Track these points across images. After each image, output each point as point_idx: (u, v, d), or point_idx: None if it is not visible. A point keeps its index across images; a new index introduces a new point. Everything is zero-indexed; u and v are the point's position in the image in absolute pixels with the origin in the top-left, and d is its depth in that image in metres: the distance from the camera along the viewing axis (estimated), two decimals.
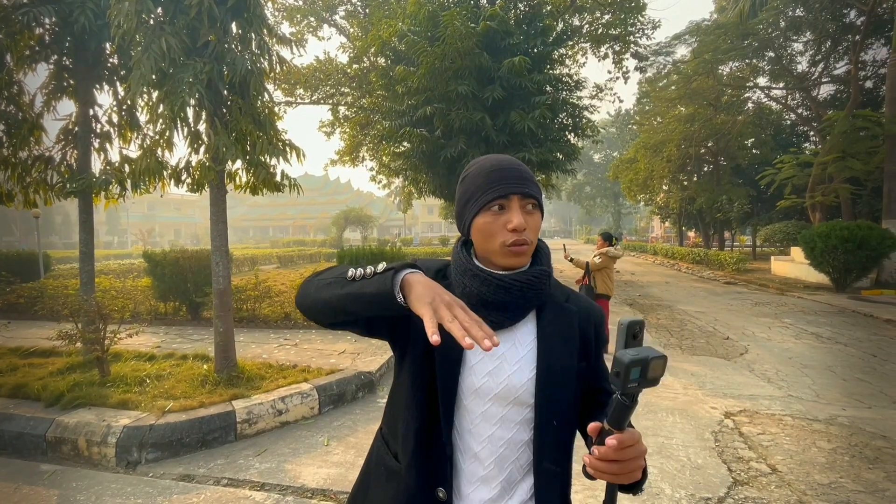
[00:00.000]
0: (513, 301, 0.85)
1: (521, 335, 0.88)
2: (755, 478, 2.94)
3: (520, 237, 0.83)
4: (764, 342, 6.48)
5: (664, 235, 42.93)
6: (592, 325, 0.93)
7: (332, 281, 0.81)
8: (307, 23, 16.63)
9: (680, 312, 8.91)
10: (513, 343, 0.87)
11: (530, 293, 0.86)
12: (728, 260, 16.54)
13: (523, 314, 0.87)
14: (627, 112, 38.36)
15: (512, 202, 0.84)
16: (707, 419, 3.86)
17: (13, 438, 3.47)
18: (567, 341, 0.88)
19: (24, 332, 6.78)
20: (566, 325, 0.89)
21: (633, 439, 0.66)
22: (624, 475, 0.68)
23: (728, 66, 19.34)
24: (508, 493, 0.86)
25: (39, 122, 5.03)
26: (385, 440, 0.96)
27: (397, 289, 0.70)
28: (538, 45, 10.14)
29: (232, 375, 4.26)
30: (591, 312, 0.95)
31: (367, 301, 0.74)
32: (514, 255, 0.84)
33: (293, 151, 4.66)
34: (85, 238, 5.00)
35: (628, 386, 0.60)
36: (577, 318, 0.91)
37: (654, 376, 0.61)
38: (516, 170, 0.87)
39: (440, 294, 0.67)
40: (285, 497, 2.82)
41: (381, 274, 0.73)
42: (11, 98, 5.03)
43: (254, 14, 4.20)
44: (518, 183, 0.85)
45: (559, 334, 0.88)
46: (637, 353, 0.60)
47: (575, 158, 11.50)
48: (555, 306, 0.91)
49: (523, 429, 0.85)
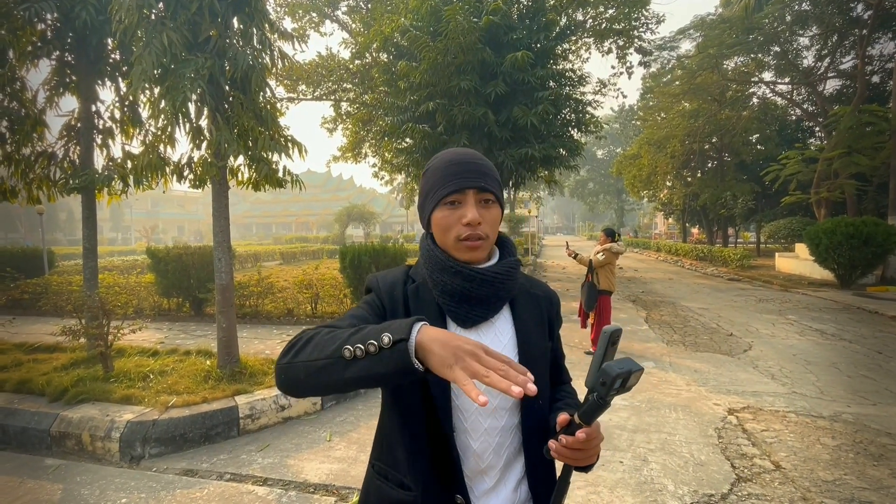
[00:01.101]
0: (494, 294, 0.87)
1: (501, 325, 0.90)
2: (759, 474, 2.93)
3: (474, 231, 0.84)
4: (768, 339, 6.45)
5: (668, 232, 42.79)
6: (554, 309, 1.01)
7: (325, 364, 0.69)
8: (309, 18, 16.59)
9: (683, 309, 8.87)
10: (494, 334, 0.89)
11: (508, 283, 0.89)
12: (732, 256, 16.46)
13: (502, 305, 0.90)
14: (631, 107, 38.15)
15: (467, 196, 0.85)
16: (710, 416, 3.85)
17: (18, 433, 3.50)
18: (539, 325, 0.95)
19: (28, 328, 6.82)
20: (536, 309, 0.96)
21: (596, 432, 0.74)
22: (584, 459, 0.76)
23: (733, 61, 19.15)
24: (505, 477, 0.88)
25: (42, 118, 5.02)
26: (383, 475, 0.91)
27: (414, 359, 0.64)
28: (541, 39, 10.07)
29: (235, 371, 4.27)
30: (551, 297, 1.02)
31: (381, 380, 0.68)
32: (468, 250, 0.86)
33: (295, 147, 4.65)
34: (88, 234, 5.01)
35: (610, 394, 0.67)
36: (543, 302, 0.98)
37: (631, 385, 0.67)
38: (474, 164, 0.87)
39: (460, 348, 0.62)
40: (288, 492, 2.82)
41: (391, 349, 0.65)
42: (14, 94, 5.03)
43: (255, 9, 4.18)
44: (474, 177, 0.86)
45: (532, 319, 0.94)
46: (622, 366, 0.65)
47: (578, 154, 11.44)
48: (524, 294, 0.96)
49: (513, 414, 0.88)
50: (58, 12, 4.34)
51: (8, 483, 2.98)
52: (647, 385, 4.59)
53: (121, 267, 13.78)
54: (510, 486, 0.88)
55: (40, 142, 5.12)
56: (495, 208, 0.89)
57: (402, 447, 0.88)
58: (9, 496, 2.82)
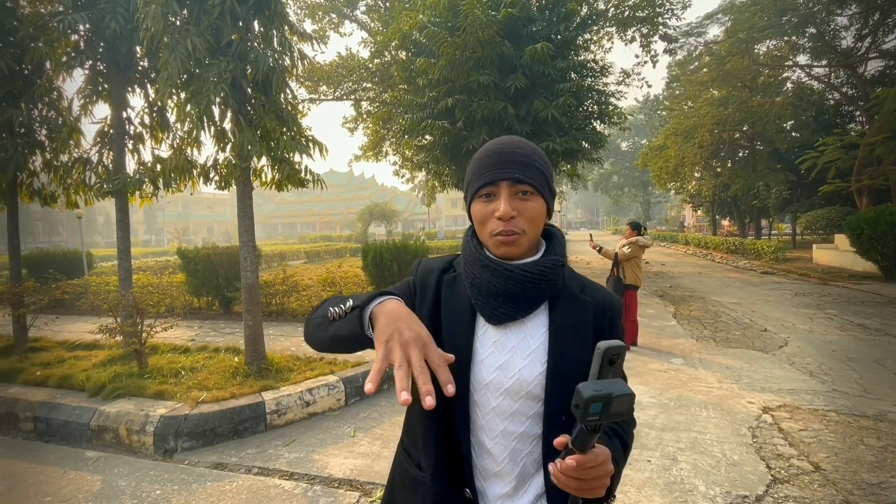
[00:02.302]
0: (523, 292, 0.82)
1: (533, 327, 0.84)
2: (796, 476, 2.80)
3: (506, 226, 0.80)
4: (805, 334, 6.17)
5: (696, 224, 41.50)
6: (607, 318, 0.87)
7: (319, 321, 0.84)
8: (329, 19, 16.78)
9: (714, 303, 8.59)
10: (524, 336, 0.83)
11: (542, 283, 0.82)
12: (765, 249, 15.83)
13: (535, 305, 0.84)
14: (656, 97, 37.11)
15: (500, 189, 0.81)
16: (744, 414, 3.70)
17: (61, 426, 3.67)
18: (579, 334, 0.83)
19: (69, 327, 7.17)
20: (580, 317, 0.85)
21: (594, 461, 0.65)
22: (585, 491, 0.67)
23: (765, 45, 18.35)
24: (523, 487, 0.84)
25: (77, 125, 5.25)
26: (407, 451, 0.95)
27: (367, 325, 0.71)
28: (561, 30, 9.87)
29: (261, 367, 4.37)
30: (607, 304, 0.88)
31: (347, 342, 0.78)
32: (501, 245, 0.82)
33: (316, 147, 4.70)
34: (122, 236, 5.21)
35: (588, 420, 0.58)
36: (592, 310, 0.86)
37: (619, 411, 0.58)
38: (511, 153, 0.82)
39: (400, 330, 0.65)
40: (313, 486, 2.87)
41: (350, 313, 0.75)
42: (52, 103, 5.27)
43: (275, 11, 4.24)
44: (509, 168, 0.80)
45: (572, 327, 0.84)
46: (602, 387, 0.57)
47: (601, 147, 11.19)
48: (568, 297, 0.86)
49: (535, 423, 0.82)
50: (89, 23, 4.51)
51: (52, 474, 3.13)
52: (676, 382, 4.46)
53: (154, 267, 14.32)
54: (528, 499, 0.84)
55: (76, 148, 5.35)
56: (534, 200, 0.82)
57: (420, 428, 0.89)
58: (53, 486, 2.97)
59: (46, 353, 5.08)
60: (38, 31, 4.49)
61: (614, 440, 0.80)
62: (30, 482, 3.04)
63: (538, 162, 0.83)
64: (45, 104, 5.24)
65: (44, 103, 5.22)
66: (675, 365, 5.01)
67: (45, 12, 4.58)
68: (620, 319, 0.91)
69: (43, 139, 5.30)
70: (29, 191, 5.48)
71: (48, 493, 2.88)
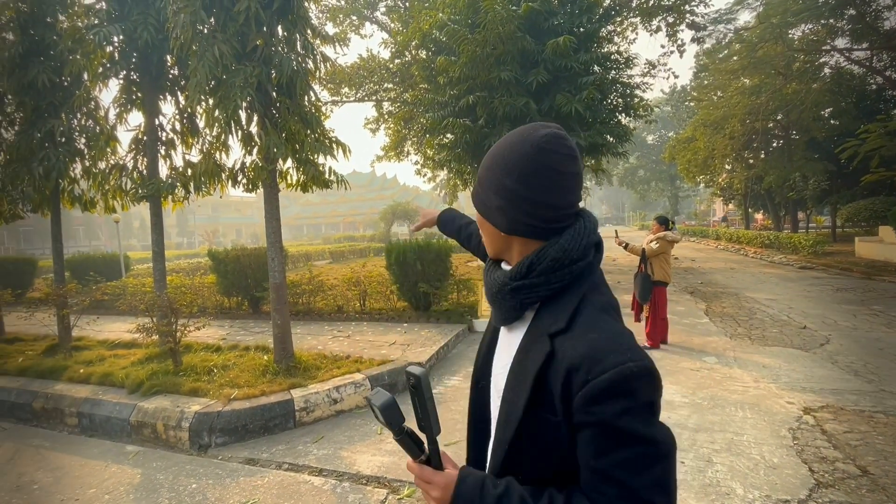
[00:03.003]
0: (493, 300, 0.81)
1: (515, 340, 0.77)
2: (842, 480, 2.66)
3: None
4: (848, 331, 5.86)
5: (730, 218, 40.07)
6: (561, 381, 0.64)
7: None
8: (350, 22, 16.96)
9: (748, 300, 8.27)
10: (507, 344, 0.81)
11: (497, 297, 0.79)
12: (803, 243, 15.13)
13: (509, 317, 0.78)
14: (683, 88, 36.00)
15: None
16: (783, 415, 3.55)
17: (103, 422, 3.84)
18: (522, 377, 0.70)
19: (109, 326, 7.50)
20: (529, 359, 0.70)
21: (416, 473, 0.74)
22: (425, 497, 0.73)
23: (799, 30, 17.50)
24: None
25: (114, 133, 5.47)
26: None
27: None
28: (583, 23, 9.68)
29: (290, 366, 4.46)
30: (568, 365, 0.64)
31: None
32: None
33: (339, 148, 4.76)
34: (156, 239, 5.41)
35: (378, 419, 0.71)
36: (543, 360, 0.67)
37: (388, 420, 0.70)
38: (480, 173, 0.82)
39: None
40: (342, 483, 2.91)
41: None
42: (90, 113, 5.52)
43: (297, 16, 4.31)
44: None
45: (521, 365, 0.72)
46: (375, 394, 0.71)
47: (626, 140, 10.93)
48: (533, 331, 0.73)
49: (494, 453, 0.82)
50: (123, 34, 4.69)
51: (96, 467, 3.28)
52: (710, 381, 4.31)
53: (186, 269, 14.82)
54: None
55: (113, 155, 5.59)
56: (486, 226, 0.81)
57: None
58: (97, 478, 3.11)
59: (89, 352, 5.32)
60: (76, 44, 4.70)
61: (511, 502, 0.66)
62: (75, 474, 3.19)
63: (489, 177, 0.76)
64: (83, 114, 5.49)
65: (82, 113, 5.47)
66: (709, 363, 4.84)
67: (83, 26, 4.79)
68: (600, 398, 0.61)
69: (82, 147, 5.56)
70: (70, 197, 5.76)
71: (92, 486, 3.02)
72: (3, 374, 4.84)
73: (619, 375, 0.60)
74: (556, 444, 0.67)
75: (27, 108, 5.17)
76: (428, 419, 0.69)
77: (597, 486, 0.63)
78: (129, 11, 4.75)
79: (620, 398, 0.61)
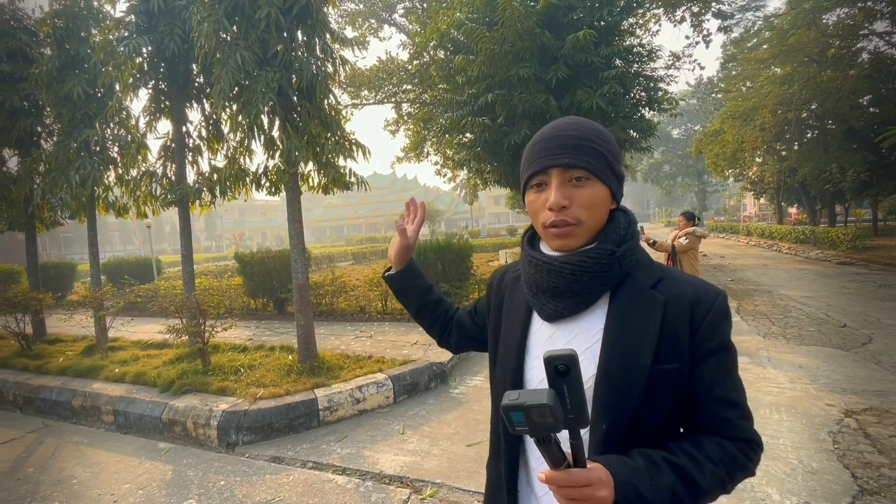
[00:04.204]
0: (567, 287, 0.76)
1: (588, 325, 0.77)
2: (889, 487, 2.51)
3: (558, 217, 0.75)
4: (893, 330, 5.55)
5: (759, 213, 38.66)
6: (689, 318, 0.73)
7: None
8: (368, 25, 17.13)
9: (782, 298, 7.94)
10: (577, 334, 0.77)
11: (585, 277, 0.75)
12: (841, 237, 14.44)
13: (586, 301, 0.77)
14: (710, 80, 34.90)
15: (550, 177, 0.76)
16: (822, 417, 3.38)
17: (136, 419, 3.98)
18: (639, 336, 0.72)
19: (143, 328, 7.78)
20: (642, 315, 0.73)
21: (566, 480, 0.58)
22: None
23: (834, 14, 16.71)
24: None
25: (144, 141, 5.68)
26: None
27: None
28: (604, 16, 9.48)
29: (314, 365, 4.52)
30: (691, 301, 0.74)
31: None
32: (555, 238, 0.77)
33: (360, 150, 4.81)
34: (185, 243, 5.58)
35: (516, 428, 0.56)
36: (661, 309, 0.73)
37: (543, 424, 0.54)
38: (562, 137, 0.76)
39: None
40: (365, 482, 2.92)
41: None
42: (121, 122, 5.74)
43: (316, 20, 4.37)
44: (559, 153, 0.74)
45: (633, 329, 0.73)
46: (518, 396, 0.55)
47: (651, 135, 10.65)
48: (632, 293, 0.76)
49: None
50: (151, 45, 4.85)
51: (130, 463, 3.40)
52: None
53: (214, 272, 15.27)
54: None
55: (144, 163, 5.79)
56: (591, 186, 0.75)
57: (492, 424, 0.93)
58: (131, 474, 3.22)
59: (124, 352, 5.53)
60: (108, 57, 4.89)
61: (660, 468, 0.67)
62: (111, 470, 3.31)
63: (596, 142, 0.76)
64: (115, 123, 5.71)
65: (115, 123, 5.70)
66: (741, 363, 4.61)
67: (113, 38, 4.98)
68: (721, 320, 0.74)
69: (115, 156, 5.78)
70: (105, 203, 6.00)
71: (126, 481, 3.13)
72: (45, 373, 5.08)
73: (724, 300, 0.76)
74: (672, 397, 0.73)
75: (64, 119, 5.41)
76: (583, 409, 0.57)
77: (719, 414, 0.74)
78: (157, 23, 4.92)
79: (728, 318, 0.76)
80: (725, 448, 0.71)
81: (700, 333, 0.73)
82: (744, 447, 0.73)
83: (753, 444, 0.74)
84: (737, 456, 0.72)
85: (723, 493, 0.72)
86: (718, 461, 0.70)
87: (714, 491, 0.70)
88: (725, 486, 0.71)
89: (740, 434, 0.73)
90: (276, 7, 3.95)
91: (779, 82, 18.32)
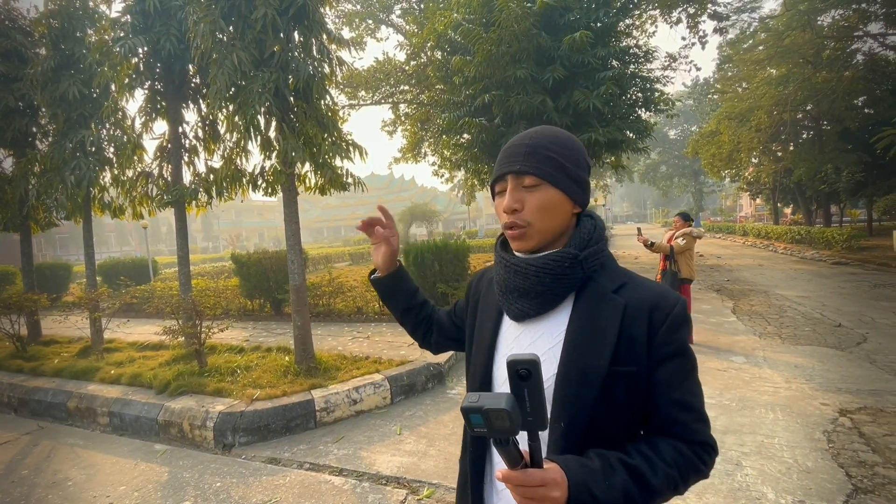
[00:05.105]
0: (533, 287, 0.80)
1: (552, 326, 0.80)
2: (883, 485, 2.52)
3: (510, 219, 0.80)
4: (887, 329, 5.59)
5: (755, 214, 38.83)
6: (646, 323, 0.75)
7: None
8: (365, 25, 17.12)
9: (778, 298, 7.98)
10: (541, 334, 0.81)
11: (548, 278, 0.78)
12: (837, 237, 14.53)
13: (550, 302, 0.80)
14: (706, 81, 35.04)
15: (507, 183, 0.81)
16: (817, 417, 3.40)
17: (132, 421, 3.96)
18: (598, 337, 0.75)
19: (139, 329, 7.74)
20: (603, 318, 0.76)
21: (522, 480, 0.60)
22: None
23: (829, 16, 16.81)
24: None
25: (140, 142, 5.65)
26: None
27: None
28: (600, 17, 9.52)
29: (310, 366, 4.51)
30: (648, 307, 0.75)
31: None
32: (511, 239, 0.83)
33: (357, 150, 4.81)
34: (181, 243, 5.56)
35: (475, 430, 0.57)
36: (622, 312, 0.75)
37: (501, 427, 0.55)
38: (517, 146, 0.81)
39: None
40: (362, 483, 2.92)
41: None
42: (117, 123, 5.72)
43: (313, 21, 4.37)
44: (511, 161, 0.80)
45: (591, 328, 0.76)
46: (477, 399, 0.56)
47: (647, 136, 10.68)
48: (595, 296, 0.78)
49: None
50: (147, 45, 4.83)
51: (126, 465, 3.38)
52: (738, 382, 4.17)
53: (210, 272, 15.21)
54: None
55: (139, 163, 5.77)
56: (542, 191, 0.78)
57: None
58: (127, 476, 3.21)
59: (119, 353, 5.51)
60: (104, 57, 4.87)
61: (615, 469, 0.69)
62: (107, 472, 3.29)
63: (551, 149, 0.79)
64: (111, 124, 5.70)
65: (111, 123, 5.68)
66: (737, 363, 4.69)
67: (109, 39, 4.96)
68: (679, 326, 0.76)
69: (111, 156, 5.76)
70: (100, 204, 5.98)
71: (122, 483, 3.11)
72: (40, 374, 5.05)
73: (683, 306, 0.77)
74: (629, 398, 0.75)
75: (59, 119, 5.39)
76: (541, 412, 0.59)
77: (675, 417, 0.75)
78: (153, 23, 4.90)
79: (686, 324, 0.77)
80: (680, 450, 0.73)
81: (658, 338, 0.75)
82: (698, 450, 0.75)
83: (708, 447, 0.76)
84: (691, 458, 0.74)
85: (676, 494, 0.74)
86: (672, 463, 0.72)
87: (667, 492, 0.72)
88: (678, 487, 0.73)
89: (695, 437, 0.75)
90: (272, 7, 3.95)
91: (774, 83, 18.41)
